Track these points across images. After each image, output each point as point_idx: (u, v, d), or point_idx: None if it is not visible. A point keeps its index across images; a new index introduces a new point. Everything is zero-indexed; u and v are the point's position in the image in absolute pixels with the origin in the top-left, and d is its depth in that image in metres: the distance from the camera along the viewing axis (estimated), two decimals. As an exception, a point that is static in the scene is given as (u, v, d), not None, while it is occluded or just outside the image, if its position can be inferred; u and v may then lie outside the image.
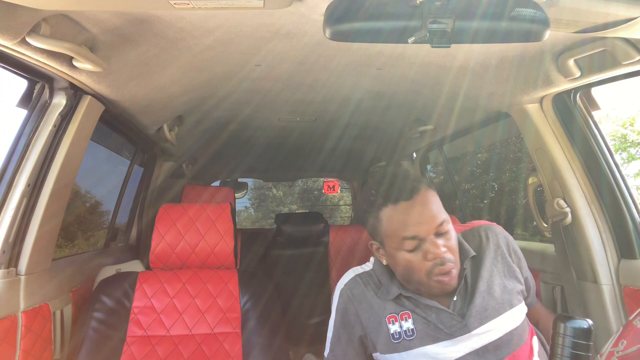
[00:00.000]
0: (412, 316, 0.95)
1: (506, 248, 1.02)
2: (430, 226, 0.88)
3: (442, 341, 0.93)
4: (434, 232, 0.89)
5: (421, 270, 0.90)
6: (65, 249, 2.40)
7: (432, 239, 0.88)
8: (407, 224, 0.89)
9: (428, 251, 0.88)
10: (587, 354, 0.63)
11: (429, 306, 0.95)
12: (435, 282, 0.90)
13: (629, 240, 1.28)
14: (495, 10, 0.75)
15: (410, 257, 0.90)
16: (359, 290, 1.00)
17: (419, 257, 0.89)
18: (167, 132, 1.82)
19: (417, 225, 0.88)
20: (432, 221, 0.89)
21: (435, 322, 0.94)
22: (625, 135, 9.03)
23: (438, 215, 0.90)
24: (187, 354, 1.28)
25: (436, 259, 0.88)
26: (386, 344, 0.96)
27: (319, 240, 2.30)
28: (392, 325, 0.96)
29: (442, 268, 0.88)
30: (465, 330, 0.92)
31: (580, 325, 0.64)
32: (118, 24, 1.02)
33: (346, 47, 1.23)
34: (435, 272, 0.89)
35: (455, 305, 0.95)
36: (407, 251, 0.90)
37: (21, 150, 1.13)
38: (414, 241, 0.89)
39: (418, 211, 0.89)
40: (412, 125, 2.11)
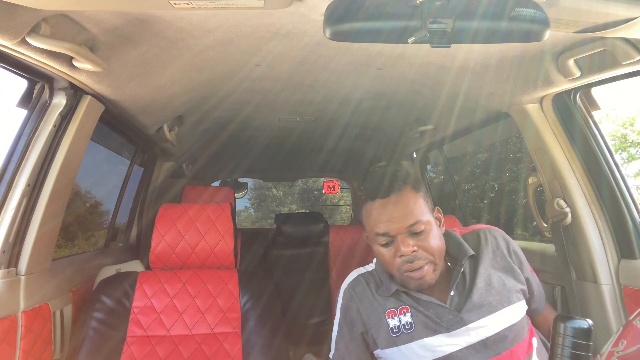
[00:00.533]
0: (410, 310, 0.99)
1: (506, 249, 1.05)
2: (400, 225, 0.93)
3: (439, 334, 0.96)
4: (405, 231, 0.93)
5: (392, 265, 0.96)
6: (66, 249, 2.40)
7: (402, 237, 0.93)
8: (379, 220, 0.95)
9: (397, 249, 0.94)
10: (587, 354, 0.63)
11: (426, 302, 0.99)
12: (405, 277, 0.95)
13: (629, 240, 1.28)
14: (495, 10, 0.75)
15: (383, 252, 0.96)
16: (361, 289, 1.04)
17: (391, 252, 0.95)
18: (167, 132, 1.82)
19: (388, 223, 0.94)
20: (403, 220, 0.93)
21: (433, 317, 0.97)
22: (625, 135, 9.03)
23: (410, 215, 0.94)
24: (187, 354, 1.28)
25: (404, 256, 0.93)
26: (386, 338, 0.99)
27: (319, 240, 2.30)
28: (392, 320, 0.99)
29: (411, 265, 0.93)
30: (461, 324, 0.95)
31: (580, 325, 0.64)
32: (118, 24, 1.02)
33: (346, 47, 1.23)
34: (404, 268, 0.94)
35: (452, 301, 0.98)
36: (381, 245, 0.96)
37: (21, 150, 1.12)
38: (385, 237, 0.95)
39: (390, 210, 0.94)
40: (412, 125, 2.11)
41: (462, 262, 1.00)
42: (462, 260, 1.00)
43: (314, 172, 4.04)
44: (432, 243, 0.95)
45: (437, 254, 0.96)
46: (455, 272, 1.00)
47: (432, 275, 0.96)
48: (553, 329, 0.67)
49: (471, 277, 1.00)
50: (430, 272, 0.95)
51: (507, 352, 0.96)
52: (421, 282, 0.95)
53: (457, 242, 1.04)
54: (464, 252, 1.01)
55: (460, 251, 1.02)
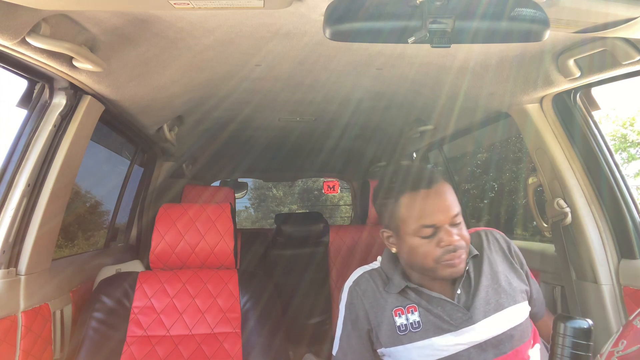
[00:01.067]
0: (418, 309, 0.98)
1: (507, 250, 1.07)
2: (446, 215, 0.94)
3: (447, 333, 0.95)
4: (449, 221, 0.94)
5: (430, 256, 0.94)
6: (66, 249, 2.40)
7: (447, 227, 0.93)
8: (425, 211, 0.94)
9: (442, 239, 0.93)
10: (587, 354, 0.63)
11: (434, 298, 0.98)
12: (443, 265, 0.94)
13: (629, 240, 1.28)
14: (495, 10, 0.75)
15: (422, 243, 0.95)
16: (366, 286, 1.04)
17: (432, 244, 0.94)
18: (167, 132, 1.82)
19: (436, 214, 0.94)
20: (449, 211, 0.94)
21: (440, 314, 0.97)
22: (625, 135, 9.03)
23: (454, 206, 0.95)
24: (187, 354, 1.28)
25: (449, 246, 0.93)
26: (391, 336, 0.98)
27: (319, 240, 2.30)
28: (399, 318, 0.98)
29: (453, 254, 0.93)
30: (469, 322, 0.95)
31: (580, 325, 0.64)
32: (118, 24, 1.02)
33: (346, 47, 1.23)
34: (445, 258, 0.93)
35: (459, 299, 0.98)
36: (422, 237, 0.95)
37: (21, 150, 1.12)
38: (430, 229, 0.94)
39: (437, 200, 0.95)
40: (412, 125, 2.11)
41: (468, 261, 1.00)
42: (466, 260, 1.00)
43: (314, 172, 4.04)
44: (465, 232, 0.97)
45: (468, 242, 0.98)
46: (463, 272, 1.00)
47: (464, 264, 0.97)
48: (553, 329, 0.67)
49: (476, 275, 1.01)
50: (464, 260, 0.96)
51: (512, 351, 0.96)
52: (456, 270, 0.95)
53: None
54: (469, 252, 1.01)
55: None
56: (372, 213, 2.13)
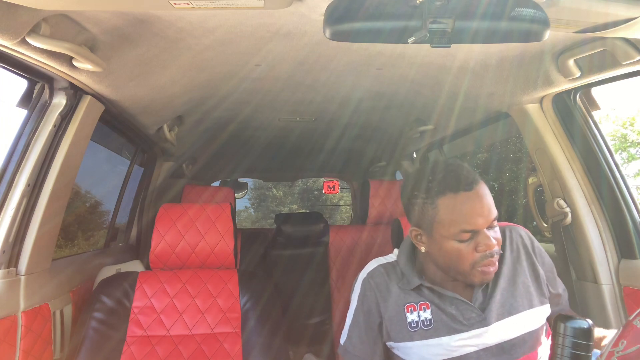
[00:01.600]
0: (430, 307, 0.96)
1: (531, 249, 1.02)
2: (486, 220, 0.89)
3: (459, 333, 0.93)
4: (487, 227, 0.90)
5: (467, 261, 0.90)
6: (66, 249, 2.40)
7: (485, 231, 0.89)
8: (467, 215, 0.89)
9: (480, 243, 0.89)
10: (587, 354, 0.63)
11: (450, 298, 0.96)
12: (480, 272, 0.90)
13: (629, 240, 1.28)
14: (495, 10, 0.75)
15: (460, 247, 0.90)
16: (381, 279, 1.02)
17: (470, 248, 0.89)
18: (167, 132, 1.82)
19: (477, 218, 0.89)
20: (490, 215, 0.89)
21: (454, 314, 0.94)
22: (625, 135, 9.02)
23: (493, 210, 0.91)
24: (187, 354, 1.28)
25: (487, 250, 0.89)
26: (402, 331, 0.97)
27: (319, 240, 2.30)
28: (410, 314, 0.97)
29: (491, 260, 0.90)
30: (483, 324, 0.93)
31: (580, 325, 0.64)
32: (118, 24, 1.02)
33: (346, 47, 1.23)
34: (482, 263, 0.89)
35: (476, 299, 0.96)
36: (459, 241, 0.90)
37: (21, 150, 1.12)
38: (470, 233, 0.89)
39: (478, 204, 0.89)
40: (412, 125, 2.11)
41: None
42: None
43: (314, 172, 4.03)
44: (499, 236, 0.93)
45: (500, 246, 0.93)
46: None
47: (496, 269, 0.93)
48: (553, 329, 0.67)
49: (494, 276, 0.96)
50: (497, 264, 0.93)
51: (523, 357, 0.93)
52: (490, 277, 0.92)
53: None
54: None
55: None
56: (372, 213, 2.13)
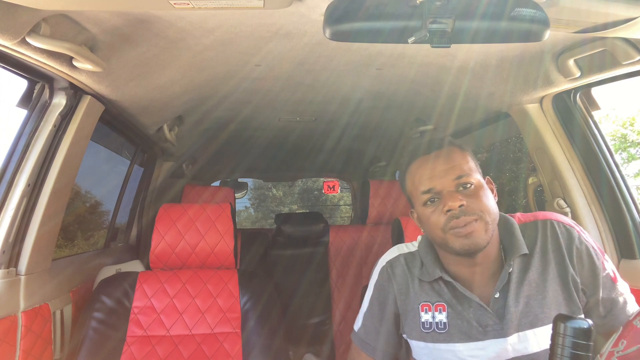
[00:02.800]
0: (446, 309, 0.90)
1: (575, 251, 0.88)
2: (445, 179, 0.85)
3: (473, 341, 0.86)
4: (452, 185, 0.84)
5: (437, 226, 0.85)
6: (66, 249, 2.40)
7: (449, 192, 0.84)
8: (423, 176, 0.87)
9: (444, 204, 0.83)
10: (587, 354, 0.63)
11: (468, 298, 0.88)
12: (452, 236, 0.83)
13: (629, 240, 1.28)
14: (495, 10, 0.75)
15: (428, 213, 0.86)
16: (400, 270, 0.96)
17: (437, 211, 0.85)
18: (167, 132, 1.82)
19: (433, 178, 0.85)
20: (447, 173, 0.85)
21: (470, 319, 0.87)
22: (625, 135, 9.02)
23: (457, 168, 0.85)
24: (187, 354, 1.28)
25: (450, 211, 0.82)
26: (414, 330, 0.93)
27: (319, 240, 2.30)
28: (425, 314, 0.91)
29: (457, 221, 0.82)
30: (500, 334, 0.85)
31: (580, 325, 0.64)
32: (118, 24, 1.02)
33: (346, 47, 1.23)
34: (449, 225, 0.83)
35: (495, 304, 0.87)
36: (425, 206, 0.87)
37: (21, 150, 1.13)
38: (429, 194, 0.86)
39: (433, 164, 0.86)
40: (412, 125, 2.11)
41: (512, 262, 0.87)
42: (511, 259, 0.87)
43: (314, 172, 4.03)
44: (484, 200, 0.84)
45: (489, 212, 0.83)
46: (503, 273, 0.87)
47: (484, 235, 0.82)
48: (553, 329, 0.67)
49: (519, 280, 0.87)
50: (481, 230, 0.82)
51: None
52: (469, 242, 0.82)
53: (512, 235, 0.90)
54: (515, 249, 0.88)
55: (514, 246, 0.88)
56: (372, 213, 2.13)
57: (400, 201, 2.14)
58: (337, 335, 2.18)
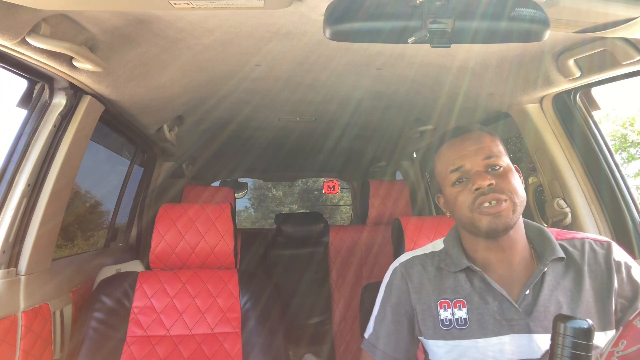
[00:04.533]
0: (466, 305, 0.88)
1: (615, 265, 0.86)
2: (474, 158, 0.86)
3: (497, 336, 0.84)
4: (482, 165, 0.86)
5: (465, 204, 0.85)
6: (66, 249, 2.40)
7: (478, 171, 0.85)
8: (452, 156, 0.89)
9: (473, 182, 0.84)
10: (587, 354, 0.63)
11: (492, 291, 0.86)
12: (479, 214, 0.83)
13: (629, 240, 1.28)
14: (495, 10, 0.75)
15: (456, 191, 0.87)
16: (415, 270, 0.96)
17: (466, 190, 0.86)
18: (167, 132, 1.82)
19: (462, 158, 0.87)
20: (477, 153, 0.86)
21: (493, 313, 0.85)
22: (625, 135, 9.03)
23: (486, 149, 0.87)
24: (187, 354, 1.28)
25: (480, 188, 0.83)
26: (433, 329, 0.90)
27: (319, 240, 2.30)
28: (444, 311, 0.90)
29: (485, 197, 0.82)
30: (525, 330, 0.83)
31: (581, 325, 0.64)
32: (118, 24, 1.02)
33: (346, 47, 1.23)
34: (477, 202, 0.83)
35: (524, 300, 0.85)
36: (453, 185, 0.88)
37: (21, 150, 1.13)
38: (458, 172, 0.87)
39: (463, 145, 0.88)
40: (412, 125, 2.11)
41: (547, 262, 0.86)
42: (547, 259, 0.86)
43: (314, 172, 4.04)
44: (513, 182, 0.84)
45: (517, 193, 0.84)
46: (537, 270, 0.85)
47: (512, 216, 0.83)
48: (553, 329, 0.67)
49: (554, 284, 0.85)
50: (509, 210, 0.82)
51: None
52: (497, 221, 0.82)
53: (547, 238, 0.89)
54: (550, 251, 0.87)
55: (547, 249, 0.87)
56: (372, 213, 2.13)
57: (400, 201, 2.14)
58: (337, 335, 2.18)
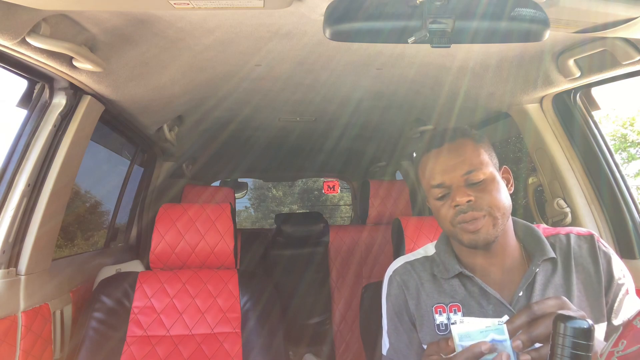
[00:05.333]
0: (461, 309, 0.89)
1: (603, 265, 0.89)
2: (454, 174, 0.86)
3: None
4: (461, 180, 0.85)
5: (446, 219, 0.87)
6: (65, 249, 2.40)
7: (457, 187, 0.85)
8: (434, 171, 0.88)
9: (453, 199, 0.85)
10: (587, 354, 0.63)
11: (486, 295, 0.88)
12: (459, 229, 0.85)
13: (629, 240, 1.28)
14: (495, 10, 0.75)
15: (438, 205, 0.88)
16: (407, 277, 0.96)
17: (447, 205, 0.86)
18: (167, 132, 1.82)
19: (443, 173, 0.86)
20: (458, 168, 0.85)
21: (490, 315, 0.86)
22: (625, 135, 9.03)
23: (466, 163, 0.86)
24: (187, 354, 1.28)
25: (458, 206, 0.84)
26: (430, 334, 0.91)
27: (319, 240, 2.30)
28: (439, 316, 0.91)
29: (464, 216, 0.84)
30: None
31: (580, 325, 0.64)
32: (118, 24, 1.02)
33: (346, 47, 1.23)
34: (457, 219, 0.85)
35: (518, 302, 0.86)
36: (436, 199, 0.88)
37: (21, 150, 1.13)
38: (440, 189, 0.87)
39: (445, 158, 0.87)
40: (412, 125, 2.11)
41: (538, 262, 0.87)
42: (538, 260, 0.87)
43: (314, 172, 4.04)
44: (494, 194, 0.84)
45: (497, 207, 0.84)
46: (529, 272, 0.87)
47: (492, 230, 0.84)
48: (553, 329, 0.66)
49: (545, 283, 0.87)
50: (489, 226, 0.83)
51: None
52: (476, 237, 0.84)
53: (537, 237, 0.91)
54: (541, 251, 0.88)
55: (538, 249, 0.89)
56: (372, 213, 2.13)
57: (400, 201, 2.14)
58: (337, 335, 2.18)
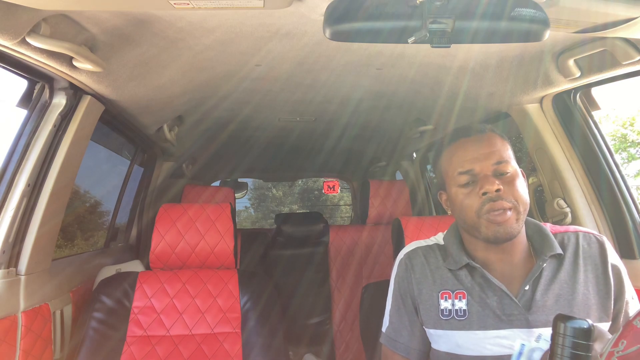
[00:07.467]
0: (467, 297, 0.90)
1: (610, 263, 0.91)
2: (485, 162, 0.86)
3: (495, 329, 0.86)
4: (491, 170, 0.86)
5: (472, 208, 0.86)
6: (65, 249, 2.40)
7: (487, 175, 0.85)
8: (462, 157, 0.88)
9: (481, 186, 0.84)
10: (587, 354, 0.63)
11: (492, 286, 0.88)
12: (485, 220, 0.84)
13: (629, 240, 1.28)
14: (495, 10, 0.75)
15: (463, 193, 0.87)
16: (418, 261, 0.97)
17: (473, 193, 0.86)
18: (167, 132, 1.82)
19: (473, 161, 0.87)
20: (488, 158, 0.86)
21: (493, 308, 0.87)
22: (625, 135, 9.03)
23: (497, 154, 0.87)
24: (187, 354, 1.28)
25: (488, 193, 0.83)
26: (433, 318, 0.92)
27: (319, 240, 2.30)
28: (444, 302, 0.92)
29: (493, 204, 0.83)
30: (526, 324, 0.84)
31: (580, 325, 0.64)
32: (118, 24, 1.02)
33: (346, 47, 1.23)
34: (485, 208, 0.84)
35: (523, 295, 0.86)
36: (461, 186, 0.88)
37: (21, 150, 1.13)
38: (467, 175, 0.87)
39: (475, 147, 0.88)
40: (412, 125, 2.11)
41: (545, 258, 0.88)
42: (545, 255, 0.88)
43: (314, 172, 4.04)
44: (519, 189, 0.85)
45: (523, 202, 0.85)
46: (536, 266, 0.87)
47: (515, 225, 0.84)
48: (553, 329, 0.67)
49: (550, 278, 0.88)
50: (513, 220, 0.84)
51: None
52: (502, 230, 0.83)
53: (545, 235, 0.91)
54: (548, 247, 0.89)
55: (545, 245, 0.89)
56: (372, 213, 2.13)
57: (400, 201, 2.14)
58: (337, 335, 2.18)
